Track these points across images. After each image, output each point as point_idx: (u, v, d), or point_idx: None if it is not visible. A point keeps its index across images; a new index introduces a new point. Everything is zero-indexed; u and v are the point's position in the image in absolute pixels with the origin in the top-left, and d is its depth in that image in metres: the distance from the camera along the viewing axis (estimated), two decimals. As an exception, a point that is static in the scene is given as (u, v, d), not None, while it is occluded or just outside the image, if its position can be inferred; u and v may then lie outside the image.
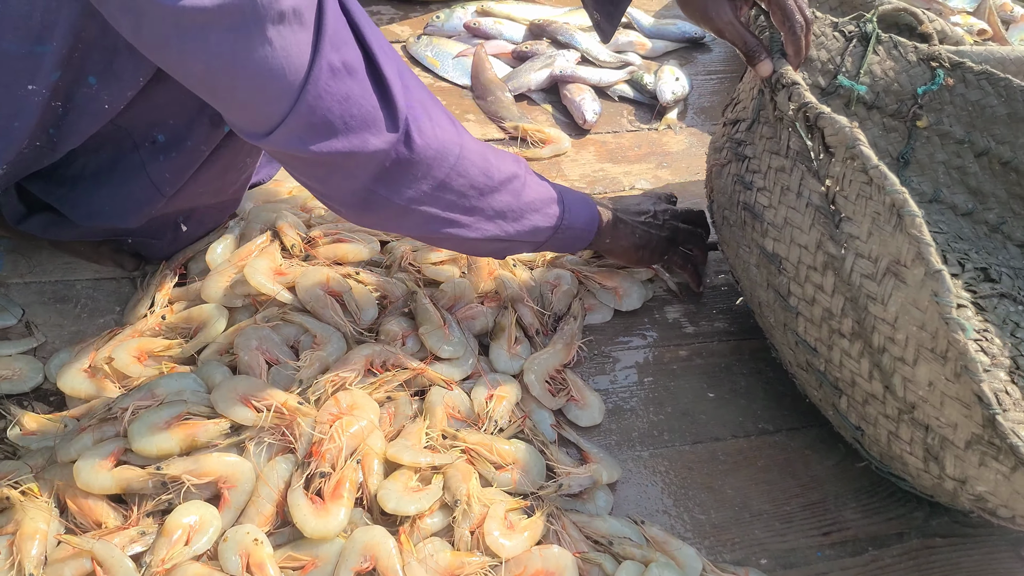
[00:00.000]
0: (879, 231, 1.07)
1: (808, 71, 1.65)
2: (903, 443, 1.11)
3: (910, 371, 1.05)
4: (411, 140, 1.04)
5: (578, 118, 1.86)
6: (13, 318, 1.34)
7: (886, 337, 1.07)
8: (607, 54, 2.02)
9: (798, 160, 1.20)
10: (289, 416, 1.11)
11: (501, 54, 2.02)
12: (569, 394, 1.30)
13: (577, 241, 1.33)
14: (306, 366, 1.17)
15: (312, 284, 1.28)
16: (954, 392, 1.01)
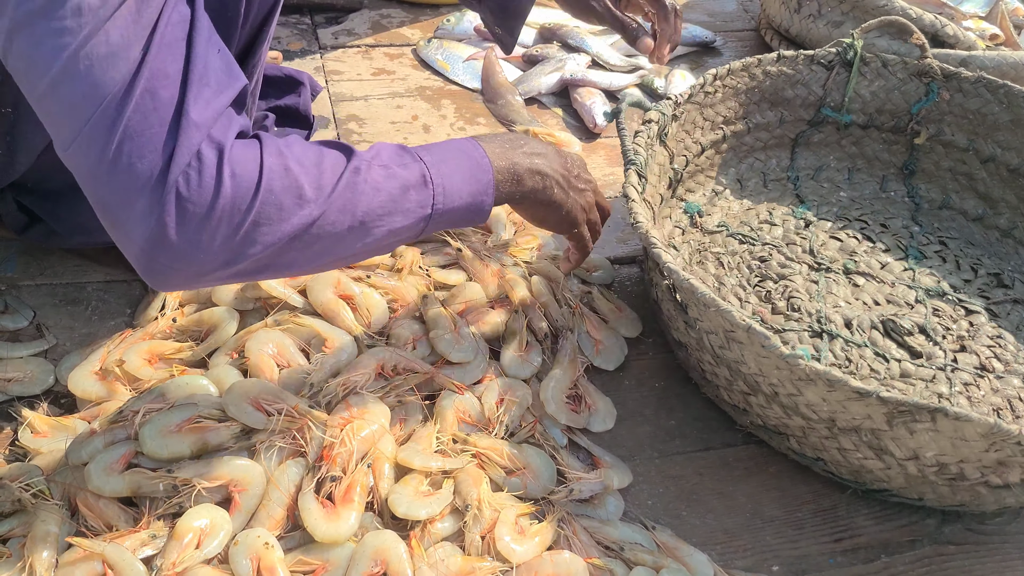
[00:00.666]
0: (704, 311, 1.19)
1: (788, 108, 1.69)
2: (853, 452, 1.18)
3: (803, 398, 1.16)
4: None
5: (588, 122, 1.86)
6: (24, 320, 1.35)
7: (767, 384, 1.18)
8: (617, 58, 2.02)
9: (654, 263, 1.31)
10: (300, 420, 1.11)
11: (511, 57, 2.02)
12: (585, 404, 1.30)
13: (465, 222, 1.12)
14: (317, 370, 1.16)
15: (324, 288, 1.28)
16: (840, 396, 1.11)
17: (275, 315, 1.27)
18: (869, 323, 1.44)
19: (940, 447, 1.11)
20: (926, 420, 1.08)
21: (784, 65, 1.65)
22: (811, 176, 1.74)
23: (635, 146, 1.38)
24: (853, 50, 1.65)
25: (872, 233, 1.63)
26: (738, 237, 1.58)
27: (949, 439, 1.09)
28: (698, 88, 1.57)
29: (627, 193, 1.31)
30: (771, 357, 1.12)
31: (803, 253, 1.57)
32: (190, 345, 1.26)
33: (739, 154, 1.70)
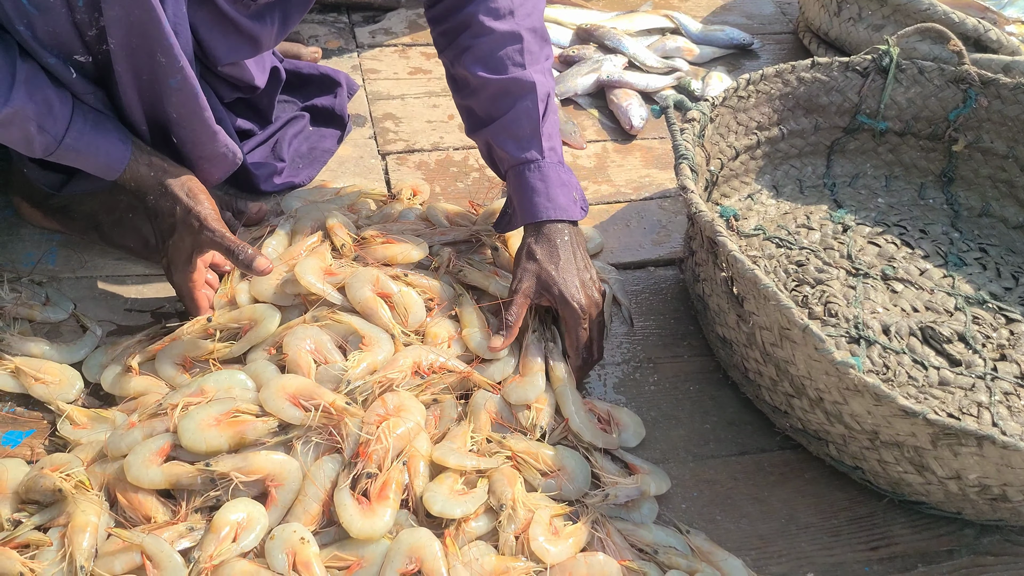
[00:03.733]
0: (762, 305, 1.18)
1: (823, 115, 1.68)
2: (893, 466, 1.17)
3: (848, 408, 1.15)
4: None
5: (625, 123, 1.85)
6: (64, 312, 1.36)
7: (813, 389, 1.18)
8: (654, 60, 2.01)
9: (710, 255, 1.32)
10: (336, 416, 1.11)
11: (548, 58, 2.01)
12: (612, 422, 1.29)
13: None
14: (354, 367, 1.17)
15: (362, 285, 1.29)
16: (886, 412, 1.10)
17: (314, 311, 1.27)
18: (908, 330, 1.42)
19: (984, 471, 1.10)
20: (972, 445, 1.07)
21: (818, 71, 1.64)
22: (848, 183, 1.72)
23: (684, 142, 1.37)
24: (889, 57, 1.63)
25: (911, 239, 1.62)
26: (775, 241, 1.57)
27: (995, 464, 1.08)
28: (731, 92, 1.56)
29: (684, 185, 1.30)
30: (822, 361, 1.11)
31: (841, 258, 1.55)
32: (226, 345, 1.26)
33: (774, 160, 1.68)
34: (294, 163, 1.65)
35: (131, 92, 1.24)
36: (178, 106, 1.26)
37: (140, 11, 1.15)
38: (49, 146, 1.20)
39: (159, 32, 1.18)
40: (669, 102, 1.46)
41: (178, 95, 1.25)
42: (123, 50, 1.18)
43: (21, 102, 1.14)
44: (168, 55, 1.20)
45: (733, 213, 1.59)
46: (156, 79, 1.23)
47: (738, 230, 1.59)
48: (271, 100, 1.63)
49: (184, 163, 1.33)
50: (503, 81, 1.36)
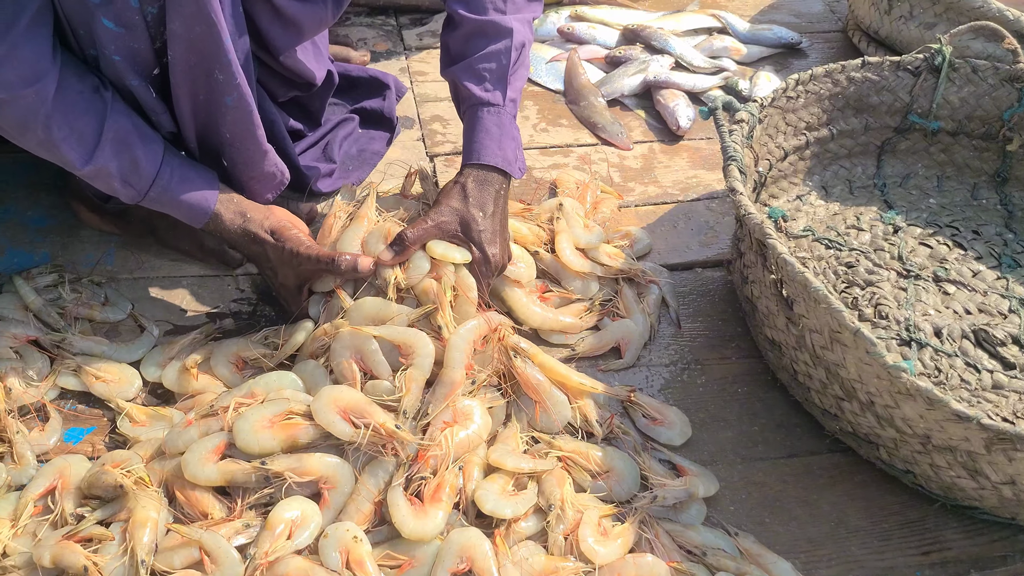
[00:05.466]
0: (813, 308, 1.18)
1: (873, 115, 1.66)
2: (946, 470, 1.16)
3: (899, 412, 1.14)
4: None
5: (671, 124, 1.85)
6: (123, 312, 1.40)
7: (864, 392, 1.18)
8: (701, 60, 2.01)
9: (759, 257, 1.32)
10: (386, 437, 1.11)
11: (594, 59, 2.02)
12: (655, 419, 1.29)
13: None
14: (405, 394, 1.15)
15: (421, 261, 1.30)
16: (939, 416, 1.09)
17: (339, 322, 1.26)
18: (960, 332, 1.41)
19: None
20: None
21: (869, 71, 1.63)
22: (898, 184, 1.70)
23: (733, 143, 1.37)
24: (941, 56, 1.61)
25: (963, 240, 1.60)
26: (824, 242, 1.56)
27: None
28: (780, 92, 1.55)
29: (733, 187, 1.30)
30: (874, 365, 1.10)
31: (891, 259, 1.54)
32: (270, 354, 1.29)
33: (823, 161, 1.67)
34: (344, 165, 1.67)
35: (186, 111, 1.27)
36: (232, 125, 1.29)
37: (201, 26, 1.17)
38: (134, 198, 1.26)
39: (219, 48, 1.20)
40: (717, 103, 1.46)
41: (233, 113, 1.28)
42: (182, 66, 1.21)
43: (104, 161, 1.20)
44: (226, 72, 1.23)
45: (782, 214, 1.58)
46: (212, 97, 1.25)
47: (787, 231, 1.58)
48: (323, 102, 1.65)
49: (233, 185, 1.36)
50: (480, 22, 1.38)
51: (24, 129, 1.17)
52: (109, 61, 1.18)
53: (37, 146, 1.20)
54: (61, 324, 1.34)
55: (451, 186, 1.35)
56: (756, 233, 1.23)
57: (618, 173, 1.75)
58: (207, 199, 1.29)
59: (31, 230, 1.52)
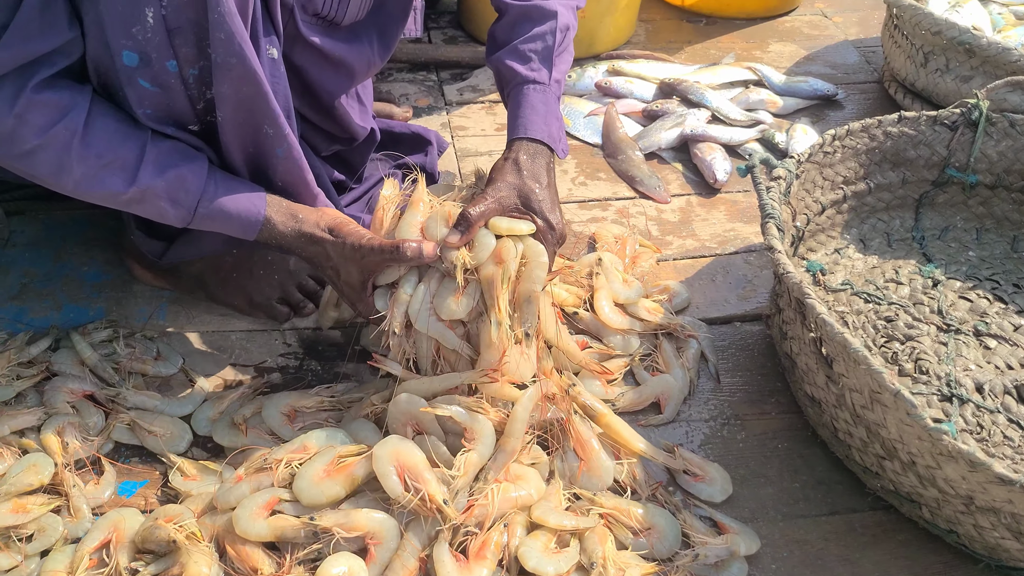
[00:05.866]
0: (852, 368, 1.18)
1: (910, 168, 1.67)
2: (990, 531, 1.16)
3: (941, 472, 1.14)
4: None
5: (709, 177, 1.87)
6: (174, 367, 1.44)
7: (906, 452, 1.18)
8: (738, 112, 2.03)
9: (798, 314, 1.34)
10: (430, 506, 1.12)
11: (631, 113, 2.05)
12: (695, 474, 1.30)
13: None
14: (462, 476, 1.15)
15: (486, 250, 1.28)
16: (982, 479, 1.08)
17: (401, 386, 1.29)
18: (1002, 388, 1.41)
19: None
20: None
21: (905, 126, 1.64)
22: (937, 236, 1.71)
23: (771, 200, 1.39)
24: (978, 110, 1.62)
25: (1004, 294, 1.59)
26: (863, 296, 1.57)
27: None
28: (817, 148, 1.57)
29: (771, 245, 1.32)
30: (914, 426, 1.11)
31: (931, 313, 1.54)
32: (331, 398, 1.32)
33: (861, 214, 1.69)
34: (387, 219, 1.70)
35: (238, 162, 1.31)
36: (284, 174, 1.33)
37: (249, 87, 1.22)
38: (184, 218, 1.25)
39: (267, 106, 1.25)
40: (755, 161, 1.48)
41: (284, 163, 1.32)
42: (231, 124, 1.26)
43: (149, 180, 1.20)
44: (275, 126, 1.27)
45: (820, 268, 1.59)
46: (262, 150, 1.30)
47: (825, 285, 1.59)
48: (364, 157, 1.70)
49: None
50: (525, 7, 1.42)
51: (60, 170, 1.17)
52: (143, 116, 1.21)
53: (76, 185, 1.19)
54: (116, 379, 1.38)
55: (502, 163, 1.35)
56: (795, 292, 1.24)
57: (656, 226, 1.77)
58: (256, 206, 1.28)
59: (87, 285, 1.57)
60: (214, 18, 1.14)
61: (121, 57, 1.15)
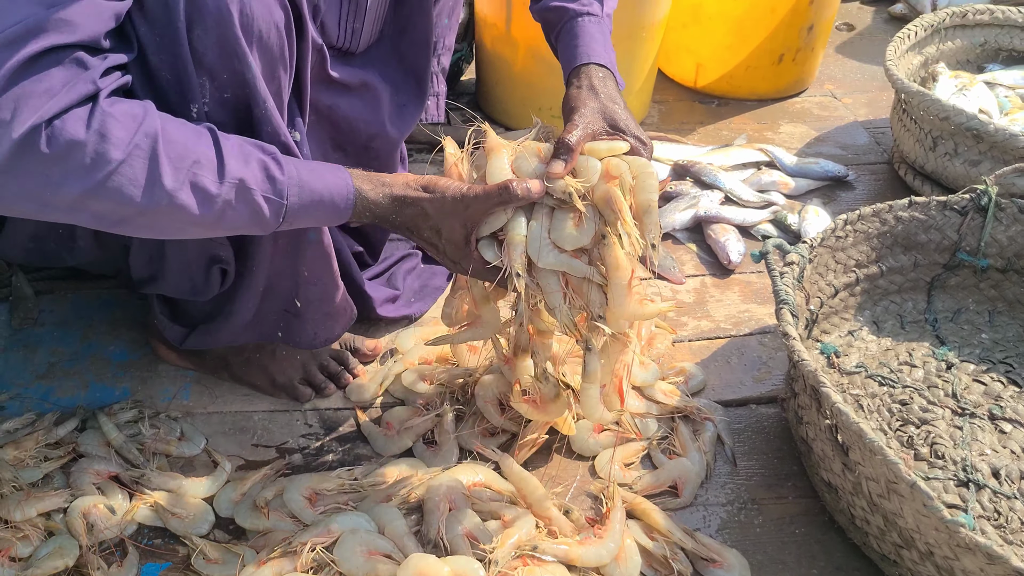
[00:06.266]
0: (868, 457, 1.19)
1: (922, 252, 1.71)
2: None
3: (960, 564, 1.14)
4: None
5: (723, 258, 1.91)
6: (197, 447, 1.46)
7: (923, 542, 1.18)
8: (750, 194, 2.07)
9: (813, 401, 1.35)
10: None
11: (646, 194, 2.09)
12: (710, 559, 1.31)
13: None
14: (500, 547, 1.18)
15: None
16: (1000, 572, 1.08)
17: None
18: (1019, 473, 1.41)
19: None
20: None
21: (916, 211, 1.68)
22: (950, 319, 1.73)
23: (785, 286, 1.42)
24: (987, 196, 1.66)
25: (1018, 377, 1.61)
26: (877, 379, 1.58)
27: None
28: (829, 232, 1.60)
29: (786, 331, 1.34)
30: (931, 517, 1.12)
31: (946, 397, 1.55)
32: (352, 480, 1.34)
33: (873, 296, 1.71)
34: (407, 295, 1.73)
35: (264, 255, 1.33)
36: (312, 261, 1.36)
37: None
38: (276, 212, 1.14)
39: None
40: (768, 247, 1.51)
41: (315, 248, 1.35)
42: None
43: (238, 170, 1.10)
44: None
45: (834, 350, 1.61)
46: (295, 235, 1.32)
47: (839, 367, 1.61)
48: (385, 235, 1.73)
49: (306, 324, 1.43)
50: None
51: (151, 183, 1.04)
52: None
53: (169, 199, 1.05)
54: (140, 460, 1.40)
55: (576, 91, 1.33)
56: (810, 379, 1.26)
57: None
58: (342, 179, 1.20)
59: (113, 365, 1.60)
60: (261, 113, 1.18)
61: None
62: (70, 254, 1.43)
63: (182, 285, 1.40)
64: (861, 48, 2.92)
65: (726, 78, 2.50)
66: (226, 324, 1.41)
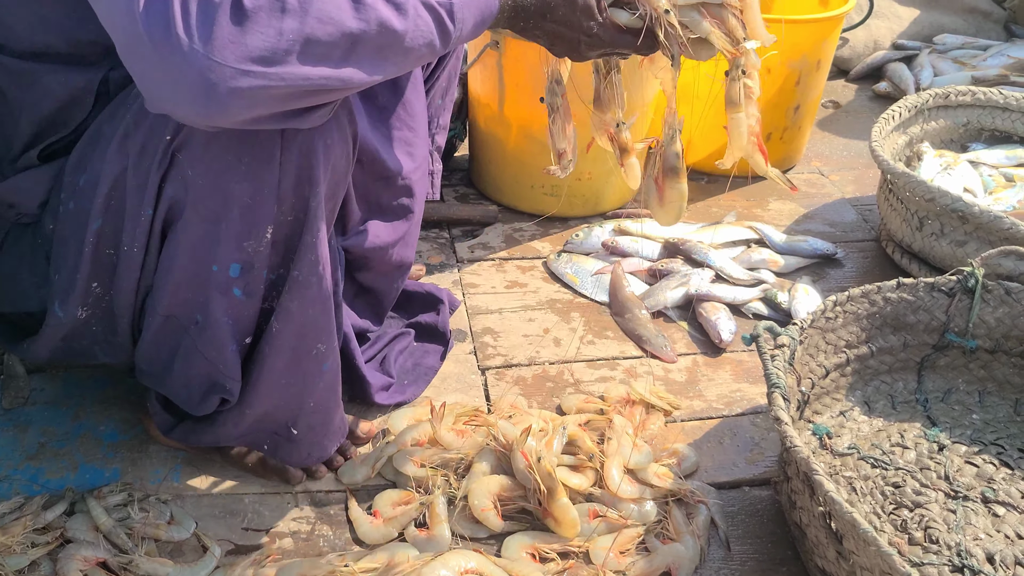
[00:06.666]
0: (863, 547, 1.19)
1: (911, 333, 1.72)
2: None
3: None
4: None
5: (714, 337, 1.92)
6: (187, 532, 1.44)
7: None
8: (740, 272, 2.09)
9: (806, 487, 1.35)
10: None
11: (638, 271, 2.12)
12: None
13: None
14: None
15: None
16: None
17: None
18: (1013, 558, 1.41)
19: None
20: None
21: (904, 292, 1.70)
22: (940, 399, 1.74)
23: (776, 370, 1.43)
24: (974, 278, 1.68)
25: (1010, 459, 1.61)
26: (870, 461, 1.59)
27: None
28: (819, 313, 1.62)
29: (777, 416, 1.35)
30: None
31: (938, 479, 1.55)
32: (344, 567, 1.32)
33: (864, 377, 1.72)
34: (400, 379, 1.74)
35: (273, 383, 1.33)
36: (321, 391, 1.37)
37: (316, 308, 1.27)
38: (450, 9, 1.09)
39: (329, 322, 1.30)
40: (759, 330, 1.52)
41: (327, 378, 1.37)
42: (283, 340, 1.29)
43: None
44: (328, 342, 1.32)
45: (826, 431, 1.62)
46: (308, 368, 1.33)
47: (832, 449, 1.61)
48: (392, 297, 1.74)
49: (300, 446, 1.43)
50: None
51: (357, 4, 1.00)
52: (218, 323, 1.25)
53: (374, 8, 1.01)
54: (129, 545, 1.38)
55: None
56: (803, 466, 1.27)
57: (663, 386, 1.80)
58: None
59: (104, 445, 1.59)
60: (308, 240, 1.20)
61: (228, 269, 1.20)
62: (105, 350, 1.41)
63: (178, 395, 1.40)
64: (847, 125, 2.97)
65: (715, 155, 2.53)
66: (211, 430, 1.42)
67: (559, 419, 1.60)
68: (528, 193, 2.29)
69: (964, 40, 3.24)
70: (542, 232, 2.28)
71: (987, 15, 3.40)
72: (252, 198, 1.16)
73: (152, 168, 1.17)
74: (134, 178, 1.19)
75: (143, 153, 1.17)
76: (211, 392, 1.36)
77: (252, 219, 1.18)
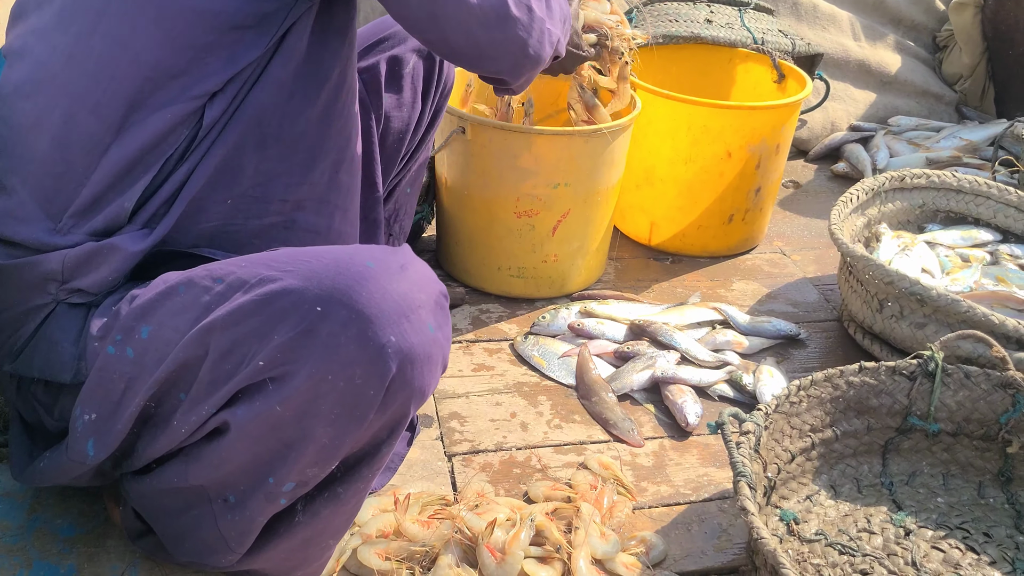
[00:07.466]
0: None
1: (874, 416, 1.74)
2: None
3: None
4: None
5: (680, 420, 1.92)
6: (144, 632, 1.40)
7: None
8: (706, 354, 2.11)
9: None
10: None
11: (604, 354, 2.12)
12: None
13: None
14: None
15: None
16: None
17: None
18: (982, 647, 1.41)
19: None
20: None
21: (866, 375, 1.72)
22: (905, 482, 1.75)
23: (742, 457, 1.43)
24: (934, 362, 1.71)
25: (975, 544, 1.62)
26: (837, 547, 1.59)
27: None
28: (783, 398, 1.64)
29: (744, 506, 1.35)
30: None
31: (906, 565, 1.56)
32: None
33: (829, 460, 1.73)
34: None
35: (277, 557, 1.33)
36: (316, 568, 1.40)
37: (343, 519, 1.33)
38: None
39: (347, 526, 1.35)
40: (724, 417, 1.53)
41: (325, 557, 1.40)
42: (303, 534, 1.30)
43: None
44: (339, 538, 1.36)
45: (793, 517, 1.62)
46: (312, 556, 1.36)
47: (799, 535, 1.61)
48: None
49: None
50: None
51: None
52: (250, 518, 1.24)
53: None
54: (84, 647, 1.35)
55: None
56: (770, 559, 1.26)
57: (631, 471, 1.80)
58: None
59: (60, 540, 1.55)
60: (366, 472, 1.27)
61: (282, 485, 1.21)
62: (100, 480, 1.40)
63: (168, 538, 1.38)
64: (807, 205, 3.03)
65: (679, 236, 2.58)
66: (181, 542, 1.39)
67: (527, 508, 1.59)
68: (495, 275, 2.30)
69: (918, 122, 3.34)
70: (509, 314, 2.29)
71: (939, 98, 3.52)
72: (331, 441, 1.16)
73: (235, 378, 1.13)
74: (209, 374, 1.14)
75: (227, 356, 1.12)
76: (207, 553, 1.32)
77: (324, 457, 1.18)
